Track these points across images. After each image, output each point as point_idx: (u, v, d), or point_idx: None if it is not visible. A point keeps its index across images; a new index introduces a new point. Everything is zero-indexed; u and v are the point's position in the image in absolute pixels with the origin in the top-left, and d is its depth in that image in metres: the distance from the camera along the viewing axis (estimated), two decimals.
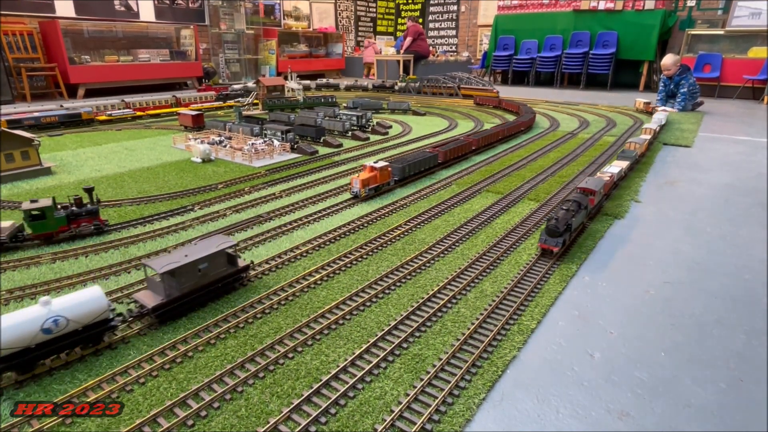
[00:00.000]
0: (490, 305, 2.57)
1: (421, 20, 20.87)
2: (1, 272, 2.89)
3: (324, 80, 14.71)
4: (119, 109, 8.52)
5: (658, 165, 5.71)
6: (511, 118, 9.07)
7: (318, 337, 2.30)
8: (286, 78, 11.19)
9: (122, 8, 12.60)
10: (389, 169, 4.47)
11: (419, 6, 21.15)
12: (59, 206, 3.33)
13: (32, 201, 3.23)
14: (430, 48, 18.42)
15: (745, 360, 2.19)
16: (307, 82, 13.97)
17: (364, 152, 6.22)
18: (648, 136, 6.16)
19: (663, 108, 7.77)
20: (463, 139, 5.91)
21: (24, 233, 3.24)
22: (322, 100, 9.82)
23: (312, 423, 1.76)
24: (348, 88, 14.22)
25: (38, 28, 11.08)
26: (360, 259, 3.14)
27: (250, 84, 12.61)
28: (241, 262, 2.74)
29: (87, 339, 2.12)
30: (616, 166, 4.55)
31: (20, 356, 1.92)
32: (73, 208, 3.34)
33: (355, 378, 1.99)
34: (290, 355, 2.16)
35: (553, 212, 3.23)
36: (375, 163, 4.39)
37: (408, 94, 13.03)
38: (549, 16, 15.24)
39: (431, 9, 20.84)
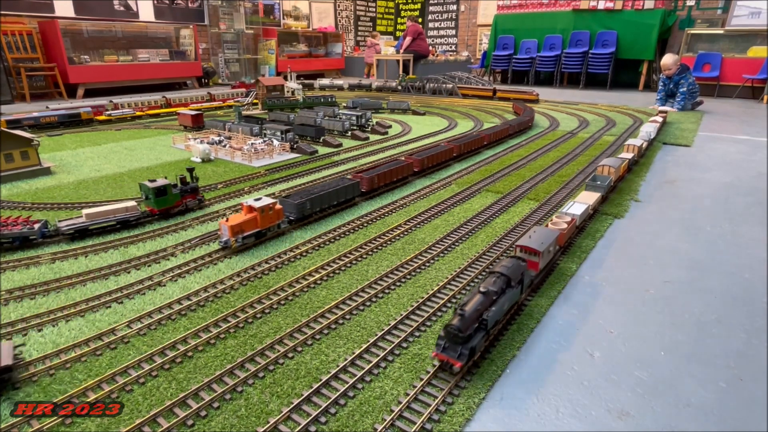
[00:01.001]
0: None
1: (420, 20, 20.87)
2: (1, 272, 2.88)
3: (330, 80, 14.63)
4: (109, 110, 8.46)
5: (658, 164, 5.72)
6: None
7: (318, 336, 2.30)
8: (285, 78, 11.19)
9: (121, 8, 12.59)
10: (278, 207, 3.41)
11: (419, 5, 21.14)
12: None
13: (151, 181, 3.68)
14: (430, 47, 18.41)
15: (745, 359, 2.19)
16: (313, 82, 13.82)
17: (364, 152, 6.22)
18: (629, 155, 5.06)
19: (661, 108, 7.53)
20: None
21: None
22: (322, 100, 9.81)
23: (312, 423, 1.76)
24: (352, 88, 14.18)
25: (37, 27, 11.07)
26: (360, 259, 3.14)
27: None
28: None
29: None
30: (581, 203, 3.53)
31: None
32: (182, 186, 3.88)
33: (355, 378, 1.99)
34: (290, 354, 2.16)
35: (468, 295, 2.16)
36: (256, 200, 3.30)
37: (408, 94, 13.00)
38: (548, 16, 15.24)
39: (431, 8, 20.83)
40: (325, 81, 14.25)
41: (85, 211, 3.40)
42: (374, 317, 2.47)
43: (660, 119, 7.10)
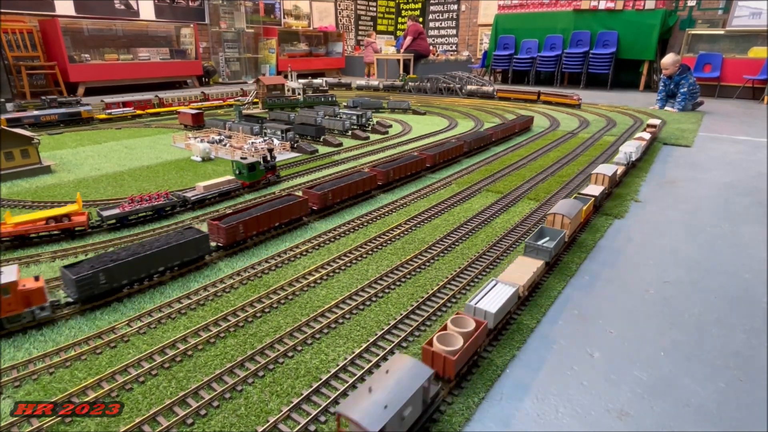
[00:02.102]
0: None
1: (421, 19, 20.85)
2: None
3: (336, 79, 14.56)
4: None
5: (658, 164, 5.71)
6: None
7: (318, 336, 2.30)
8: (286, 77, 11.19)
9: (122, 7, 12.58)
10: (41, 289, 2.31)
11: (420, 5, 21.13)
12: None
13: (242, 158, 4.44)
14: (431, 47, 18.40)
15: (744, 359, 2.19)
16: (319, 80, 13.69)
17: (364, 151, 6.22)
18: (597, 189, 3.90)
19: (651, 122, 7.03)
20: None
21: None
22: (322, 99, 9.81)
23: (312, 422, 1.76)
24: (360, 88, 14.15)
25: (38, 26, 11.07)
26: (360, 258, 3.14)
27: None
28: None
29: None
30: (505, 284, 2.35)
31: None
32: (265, 163, 4.52)
33: (355, 377, 1.99)
34: (290, 353, 2.16)
35: None
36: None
37: (422, 95, 12.78)
38: (549, 16, 15.23)
39: (432, 8, 20.82)
40: (332, 80, 14.27)
41: (199, 184, 4.10)
42: (374, 317, 2.47)
43: (648, 135, 6.01)
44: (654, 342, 2.32)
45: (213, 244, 3.15)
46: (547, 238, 3.01)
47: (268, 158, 4.60)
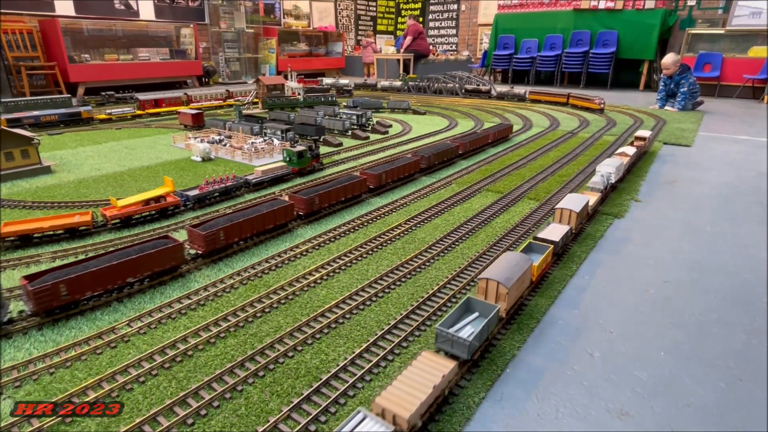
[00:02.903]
0: None
1: (421, 19, 20.84)
2: (1, 271, 2.89)
3: (345, 81, 14.48)
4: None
5: (658, 164, 5.71)
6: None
7: (318, 336, 2.30)
8: (286, 77, 11.19)
9: (122, 7, 12.58)
10: None
11: (419, 5, 21.12)
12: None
13: (292, 146, 5.20)
14: (431, 47, 18.40)
15: (744, 359, 2.19)
16: (346, 80, 13.38)
17: (364, 151, 6.22)
18: (564, 228, 3.05)
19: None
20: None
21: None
22: (322, 99, 9.81)
23: (312, 422, 1.76)
24: (385, 89, 13.96)
25: (38, 26, 11.07)
26: (360, 258, 3.14)
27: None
28: None
29: None
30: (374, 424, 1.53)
31: None
32: (311, 151, 5.02)
33: (355, 377, 1.99)
34: (290, 353, 2.16)
35: None
36: None
37: (423, 95, 12.68)
38: (549, 16, 15.22)
39: (431, 8, 20.81)
40: (329, 80, 14.22)
41: (257, 169, 4.64)
42: (374, 316, 2.47)
43: (631, 151, 5.04)
44: (654, 342, 2.32)
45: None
46: (460, 337, 1.95)
47: (313, 147, 5.15)
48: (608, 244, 3.45)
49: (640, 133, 6.03)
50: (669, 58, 10.02)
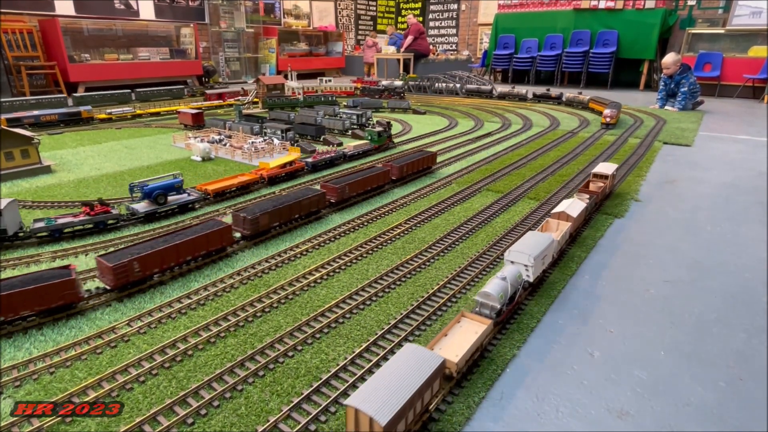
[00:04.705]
0: None
1: (421, 19, 20.83)
2: (1, 271, 2.89)
3: (399, 83, 14.25)
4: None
5: (658, 164, 5.71)
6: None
7: (318, 335, 2.30)
8: (286, 77, 11.18)
9: (122, 6, 12.57)
10: None
11: (420, 4, 21.11)
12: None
13: (372, 126, 6.40)
14: (431, 47, 18.39)
15: (744, 358, 2.19)
16: (399, 82, 12.62)
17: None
18: (460, 353, 1.92)
19: (600, 169, 4.33)
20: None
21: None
22: (322, 99, 9.80)
23: (312, 421, 1.76)
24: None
25: (38, 26, 11.06)
26: (360, 258, 3.14)
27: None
28: None
29: None
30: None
31: None
32: (386, 132, 6.13)
33: (355, 377, 1.99)
34: (290, 353, 2.16)
35: None
36: None
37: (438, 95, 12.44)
38: (549, 15, 15.21)
39: (431, 8, 20.81)
40: (385, 82, 14.06)
41: (349, 144, 5.82)
42: (374, 316, 2.47)
43: (580, 204, 3.33)
44: (654, 341, 2.32)
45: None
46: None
47: (387, 130, 6.14)
48: (608, 243, 3.45)
49: (601, 168, 4.19)
50: (669, 58, 10.01)
